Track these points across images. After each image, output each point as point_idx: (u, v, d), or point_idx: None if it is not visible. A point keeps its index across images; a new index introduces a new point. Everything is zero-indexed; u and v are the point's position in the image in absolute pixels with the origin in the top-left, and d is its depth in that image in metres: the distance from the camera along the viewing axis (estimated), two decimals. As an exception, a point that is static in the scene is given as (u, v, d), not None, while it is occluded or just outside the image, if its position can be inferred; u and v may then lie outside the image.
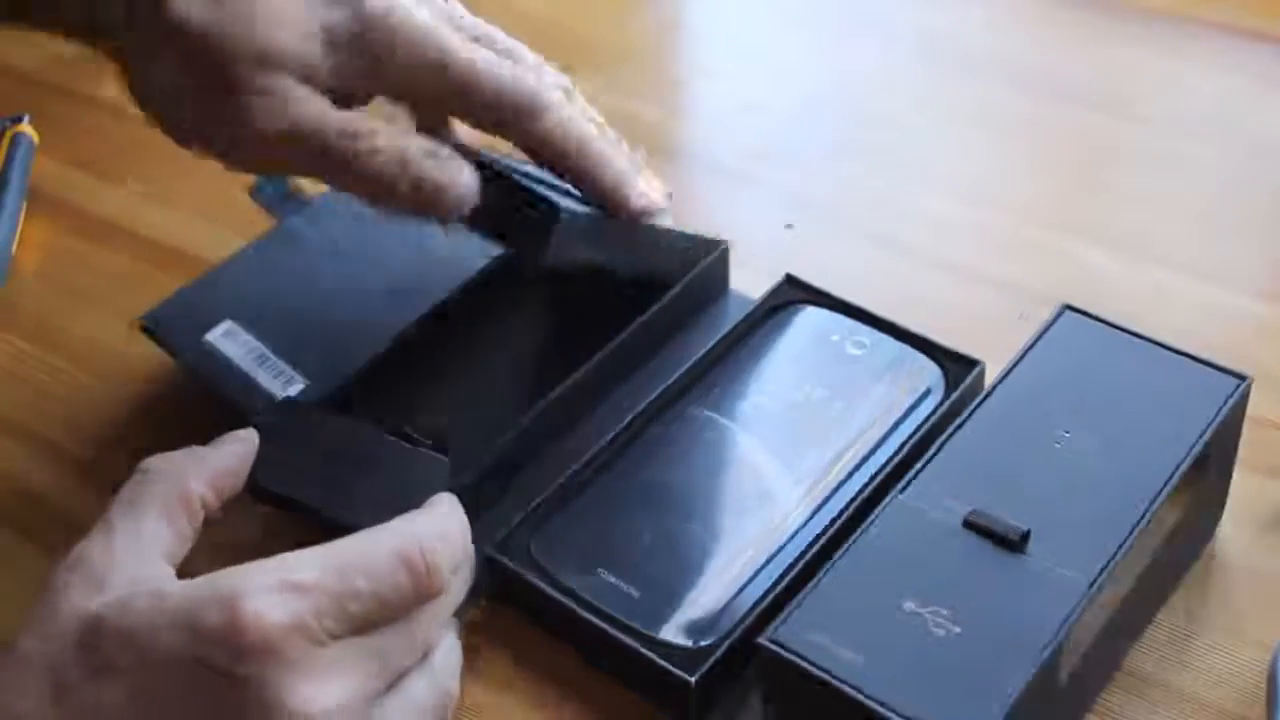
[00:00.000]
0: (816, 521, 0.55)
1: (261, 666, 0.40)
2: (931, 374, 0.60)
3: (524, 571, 0.54)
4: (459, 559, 0.45)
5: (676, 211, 0.63)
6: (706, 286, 0.66)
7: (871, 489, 0.55)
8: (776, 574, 0.53)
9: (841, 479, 0.56)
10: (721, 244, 0.66)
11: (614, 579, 0.54)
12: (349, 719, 0.41)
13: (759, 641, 0.47)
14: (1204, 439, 0.51)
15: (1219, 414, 0.52)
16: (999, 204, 0.73)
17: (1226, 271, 0.68)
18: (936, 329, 0.61)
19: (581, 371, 0.61)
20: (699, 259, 0.65)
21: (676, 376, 0.60)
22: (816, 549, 0.54)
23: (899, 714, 0.44)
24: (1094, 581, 0.47)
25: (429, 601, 0.43)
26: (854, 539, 0.49)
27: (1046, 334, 0.55)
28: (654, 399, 0.59)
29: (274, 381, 0.62)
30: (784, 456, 0.58)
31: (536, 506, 0.56)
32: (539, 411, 0.59)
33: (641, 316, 0.63)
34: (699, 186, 0.75)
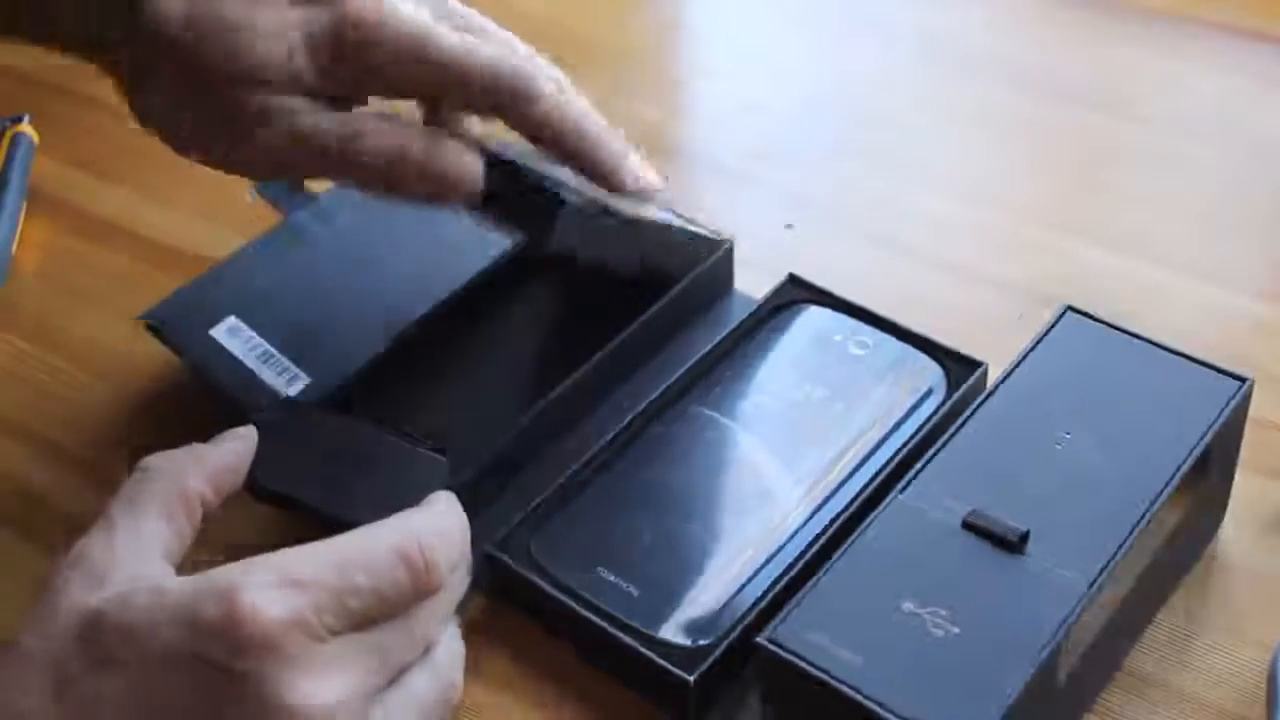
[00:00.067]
0: (816, 521, 0.55)
1: (260, 661, 0.40)
2: (933, 374, 0.60)
3: (524, 570, 0.55)
4: (457, 556, 0.45)
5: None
6: (710, 285, 0.66)
7: (872, 489, 0.55)
8: (776, 574, 0.53)
9: (842, 479, 0.56)
10: (725, 242, 0.66)
11: (614, 578, 0.54)
12: (349, 714, 0.41)
13: (758, 641, 0.47)
14: (1205, 440, 0.51)
15: (1220, 416, 0.52)
16: (999, 204, 0.73)
17: (1226, 271, 0.68)
18: (936, 329, 0.61)
19: (582, 370, 0.61)
20: (703, 257, 0.65)
21: (678, 375, 0.60)
22: (816, 549, 0.54)
23: (897, 714, 0.44)
24: (1093, 582, 0.47)
25: (428, 598, 0.43)
26: (853, 539, 0.49)
27: (1048, 335, 0.55)
28: (655, 398, 0.59)
29: (277, 378, 0.62)
30: (785, 456, 0.58)
31: (536, 506, 0.56)
32: (539, 410, 0.59)
33: (643, 315, 0.63)
34: (699, 186, 0.75)
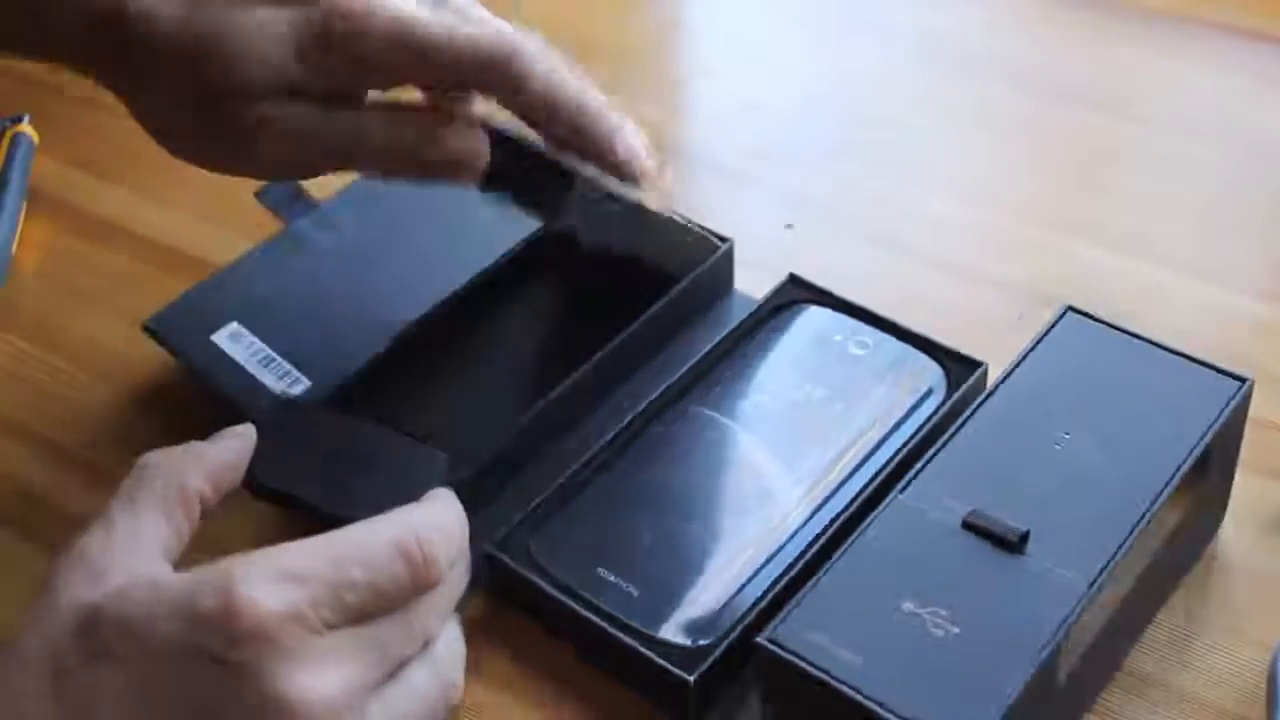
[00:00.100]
0: (816, 521, 0.55)
1: (255, 653, 0.40)
2: (934, 374, 0.60)
3: (524, 570, 0.54)
4: (456, 551, 0.45)
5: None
6: (710, 285, 0.66)
7: (872, 489, 0.55)
8: (776, 574, 0.53)
9: (842, 479, 0.56)
10: (726, 242, 0.66)
11: (613, 578, 0.54)
12: (347, 708, 0.41)
13: (758, 641, 0.47)
14: (1205, 441, 0.51)
15: (1220, 416, 0.52)
16: (999, 204, 0.73)
17: (1226, 271, 0.68)
18: (936, 329, 0.61)
19: (582, 370, 0.61)
20: (703, 257, 0.65)
21: (678, 376, 0.60)
22: (816, 549, 0.54)
23: (897, 714, 0.44)
24: (1093, 582, 0.47)
25: (427, 592, 0.43)
26: (854, 539, 0.49)
27: (1048, 335, 0.55)
28: (655, 398, 0.59)
29: (279, 383, 0.62)
30: (785, 456, 0.58)
31: (536, 506, 0.56)
32: (538, 411, 0.59)
33: (644, 315, 0.63)
34: (699, 186, 0.75)
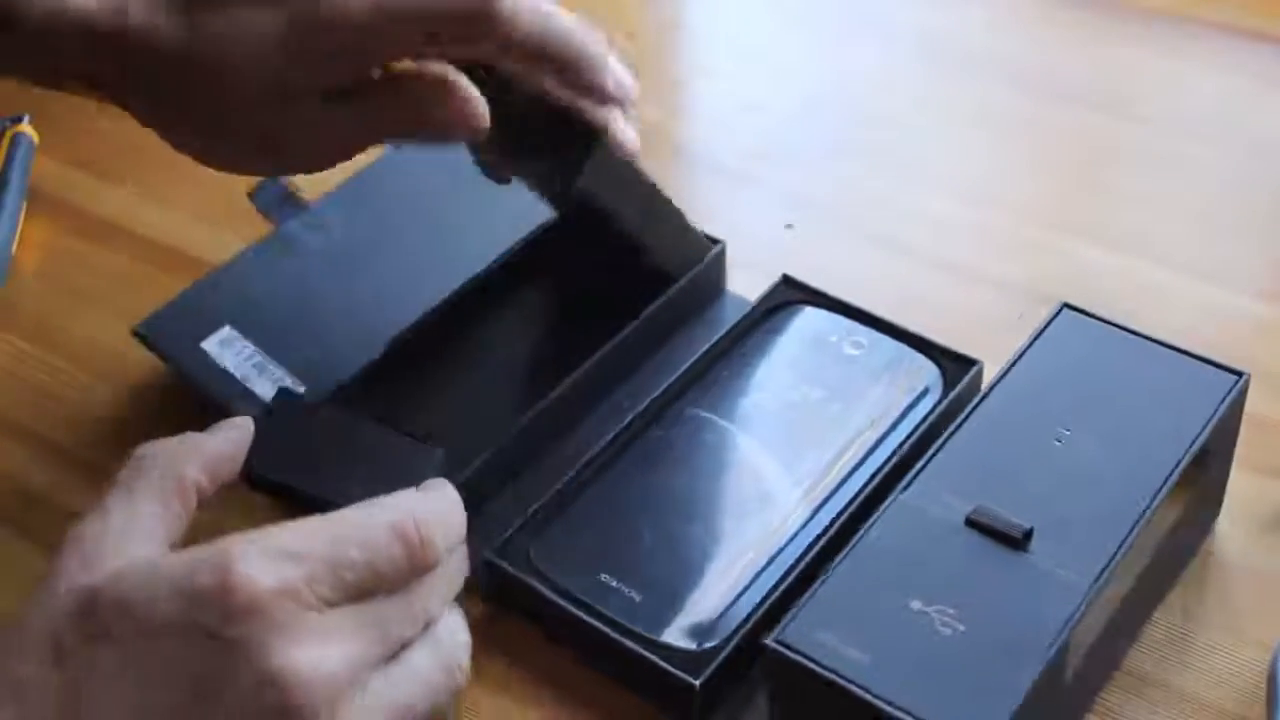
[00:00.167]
0: (816, 522, 0.55)
1: (251, 628, 0.40)
2: (929, 373, 0.60)
3: (524, 576, 0.54)
4: (454, 537, 0.45)
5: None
6: (703, 287, 0.66)
7: (871, 489, 0.55)
8: (778, 575, 0.53)
9: (841, 479, 0.56)
10: (718, 245, 0.66)
11: (615, 583, 0.54)
12: (348, 683, 0.41)
13: (766, 642, 0.47)
14: (1203, 436, 0.51)
15: (1218, 410, 0.52)
16: (999, 204, 0.73)
17: (1226, 271, 0.68)
18: (936, 329, 0.61)
19: (576, 375, 0.61)
20: (696, 260, 0.65)
21: (674, 379, 0.60)
22: (817, 550, 0.54)
23: (908, 713, 0.44)
24: (1097, 579, 0.47)
25: (425, 575, 0.43)
26: (858, 538, 0.49)
27: (1045, 332, 0.55)
28: (651, 401, 0.59)
29: (272, 388, 0.62)
30: (783, 458, 0.57)
31: (535, 511, 0.56)
32: (534, 415, 0.59)
33: (636, 320, 0.63)
34: (699, 186, 0.75)
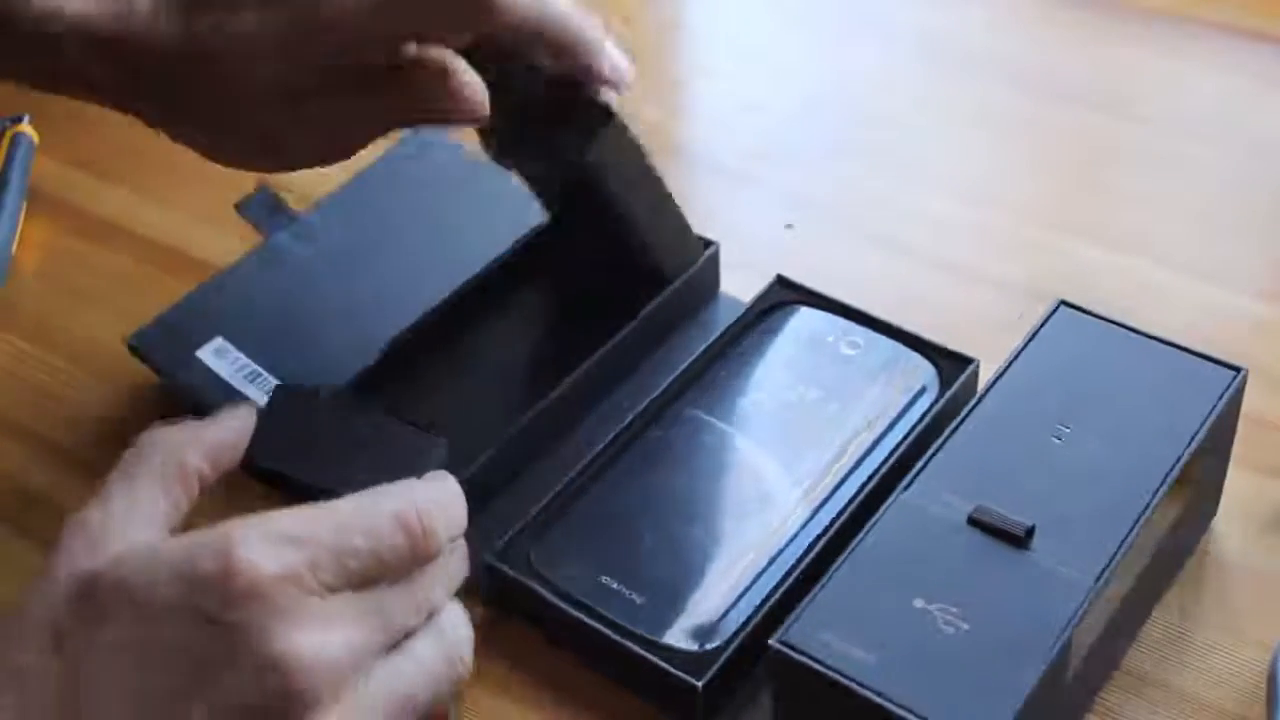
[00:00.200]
0: (816, 523, 0.55)
1: (251, 613, 0.40)
2: (926, 373, 0.60)
3: (525, 580, 0.54)
4: (456, 527, 0.45)
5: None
6: (698, 289, 0.66)
7: (870, 489, 0.55)
8: (779, 576, 0.53)
9: (840, 479, 0.56)
10: (712, 245, 0.66)
11: (616, 585, 0.54)
12: (351, 669, 0.41)
13: (770, 643, 0.47)
14: (1202, 432, 0.51)
15: (1216, 406, 0.52)
16: (999, 204, 0.73)
17: (1226, 271, 0.67)
18: (936, 329, 0.61)
19: (575, 376, 0.60)
20: (691, 260, 0.65)
21: (670, 381, 0.60)
22: (818, 550, 0.54)
23: (913, 713, 0.44)
24: (1100, 577, 0.47)
25: (427, 564, 0.43)
26: (859, 539, 0.49)
27: (1042, 329, 0.55)
28: (650, 403, 0.59)
29: (265, 399, 0.61)
30: (782, 458, 0.57)
31: (535, 515, 0.56)
32: (533, 416, 0.59)
33: (631, 321, 0.62)
34: (699, 186, 0.75)
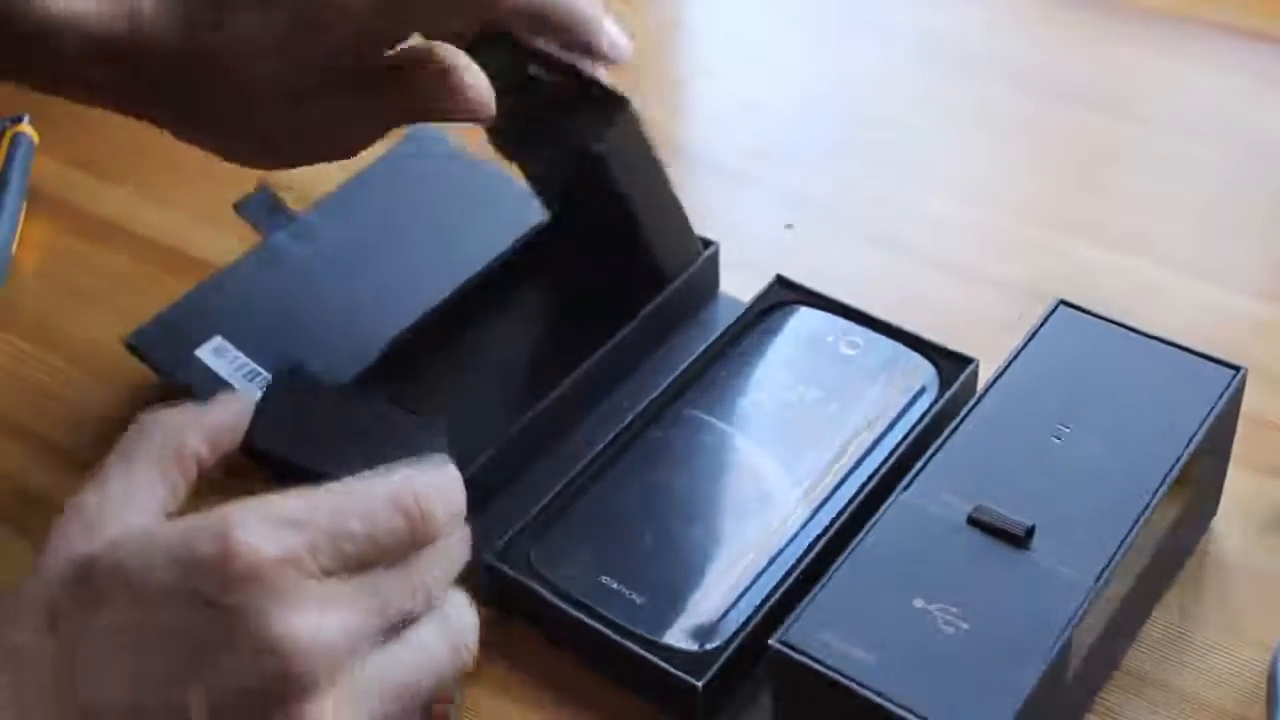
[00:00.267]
0: (816, 523, 0.55)
1: (249, 595, 0.39)
2: (925, 372, 0.60)
3: (525, 580, 0.54)
4: (453, 510, 0.45)
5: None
6: (698, 289, 0.66)
7: (870, 489, 0.55)
8: (779, 576, 0.53)
9: (840, 479, 0.56)
10: (712, 245, 0.66)
11: (616, 585, 0.54)
12: (347, 652, 0.41)
13: (770, 644, 0.47)
14: (1202, 431, 0.51)
15: (1215, 406, 0.52)
16: (999, 204, 0.73)
17: (1226, 271, 0.67)
18: (936, 329, 0.61)
19: (575, 376, 0.60)
20: (691, 259, 0.65)
21: (670, 381, 0.60)
22: (818, 550, 0.54)
23: (913, 713, 0.44)
24: (1100, 576, 0.47)
25: (425, 548, 0.43)
26: (859, 539, 0.49)
27: (1042, 329, 0.55)
28: (650, 403, 0.59)
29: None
30: (782, 458, 0.57)
31: (535, 515, 0.56)
32: (533, 416, 0.59)
33: (631, 321, 0.62)
34: (699, 186, 0.75)
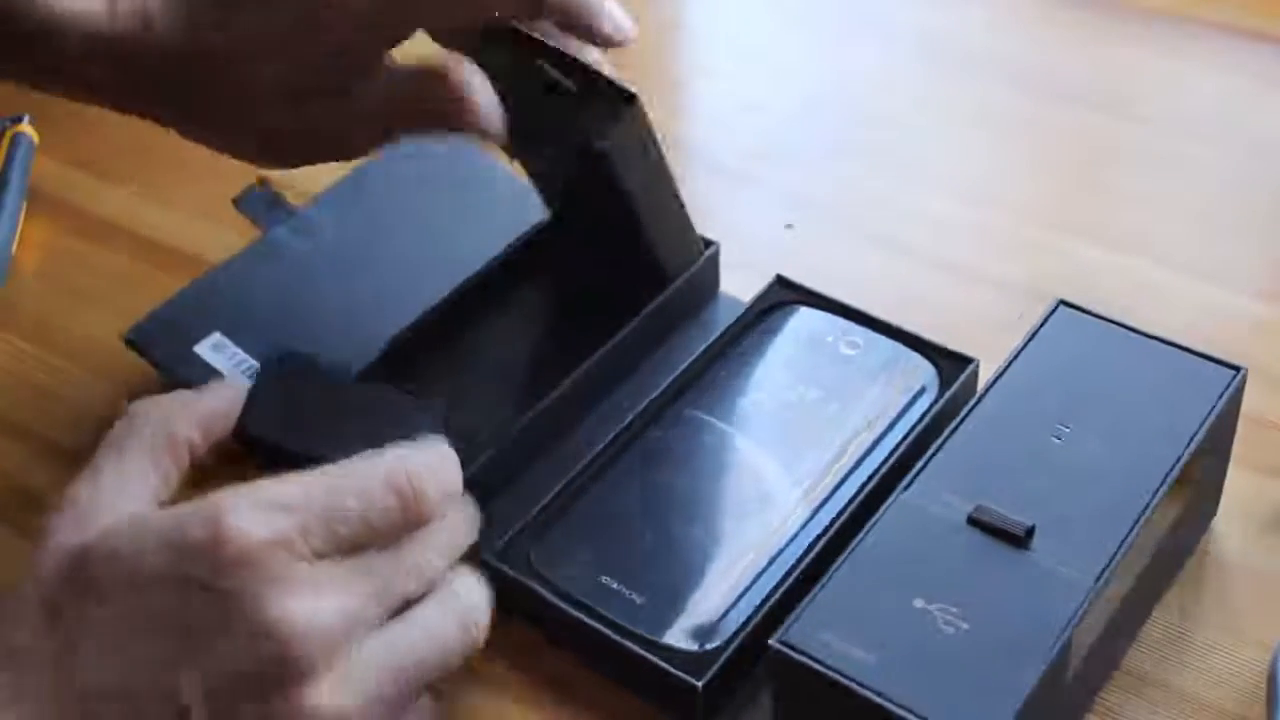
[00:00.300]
0: (816, 523, 0.55)
1: (243, 579, 0.40)
2: (925, 372, 0.60)
3: (525, 580, 0.54)
4: (448, 490, 0.45)
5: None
6: (698, 289, 0.66)
7: (870, 489, 0.55)
8: (779, 576, 0.53)
9: (840, 480, 0.56)
10: (713, 245, 0.66)
11: (616, 585, 0.54)
12: (343, 635, 0.41)
13: (770, 644, 0.47)
14: (1202, 431, 0.51)
15: (1215, 406, 0.52)
16: (999, 204, 0.73)
17: (1226, 271, 0.68)
18: (936, 329, 0.61)
19: (575, 375, 0.60)
20: (692, 259, 0.65)
21: (670, 381, 0.60)
22: (818, 550, 0.53)
23: (913, 713, 0.44)
24: (1100, 576, 0.47)
25: (419, 528, 0.43)
26: (859, 538, 0.49)
27: (1042, 329, 0.55)
28: (650, 403, 0.59)
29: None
30: (782, 458, 0.57)
31: (535, 515, 0.56)
32: (533, 416, 0.59)
33: (631, 321, 0.62)
34: (699, 186, 0.75)
